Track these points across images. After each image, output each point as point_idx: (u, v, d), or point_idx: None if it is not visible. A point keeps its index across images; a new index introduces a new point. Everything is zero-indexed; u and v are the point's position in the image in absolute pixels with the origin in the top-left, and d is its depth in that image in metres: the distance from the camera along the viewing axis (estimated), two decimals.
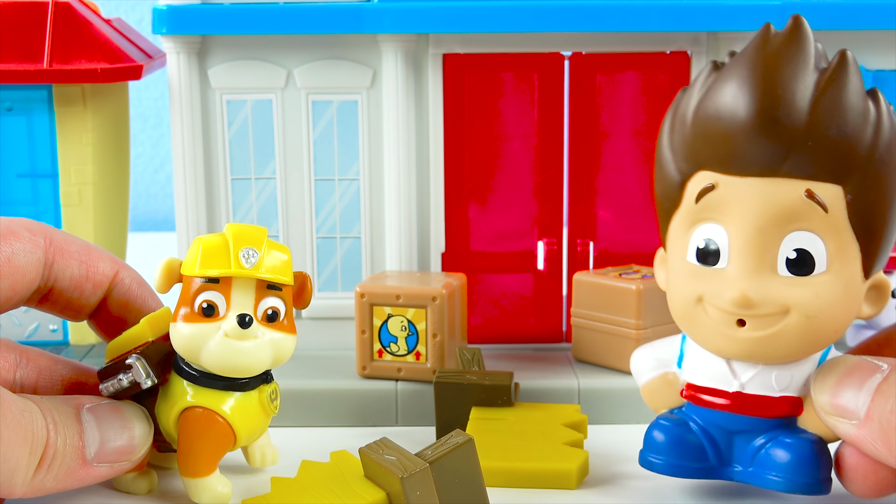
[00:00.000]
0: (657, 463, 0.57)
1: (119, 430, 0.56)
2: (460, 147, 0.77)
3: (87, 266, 0.60)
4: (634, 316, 0.70)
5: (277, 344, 0.56)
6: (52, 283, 0.59)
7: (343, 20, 0.73)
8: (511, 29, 0.73)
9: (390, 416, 0.69)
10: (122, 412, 0.56)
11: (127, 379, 0.56)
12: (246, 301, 0.56)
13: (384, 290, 0.70)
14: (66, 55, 0.74)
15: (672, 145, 0.55)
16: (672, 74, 0.76)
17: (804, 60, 0.52)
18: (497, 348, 0.77)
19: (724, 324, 0.54)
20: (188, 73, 0.76)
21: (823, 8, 0.73)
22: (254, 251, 0.56)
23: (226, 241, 0.56)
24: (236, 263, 0.55)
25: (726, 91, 0.52)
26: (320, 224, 0.78)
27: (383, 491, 0.54)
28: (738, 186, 0.53)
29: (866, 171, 0.52)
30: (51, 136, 0.76)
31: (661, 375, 0.59)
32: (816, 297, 0.53)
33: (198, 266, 0.56)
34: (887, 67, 0.76)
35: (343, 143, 0.77)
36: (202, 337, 0.55)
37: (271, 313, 0.56)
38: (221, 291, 0.55)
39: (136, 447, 0.56)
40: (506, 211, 0.77)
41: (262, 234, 0.57)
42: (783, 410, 0.55)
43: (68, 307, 0.61)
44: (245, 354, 0.55)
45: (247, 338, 0.55)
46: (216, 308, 0.55)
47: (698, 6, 0.72)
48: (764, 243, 0.53)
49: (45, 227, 0.59)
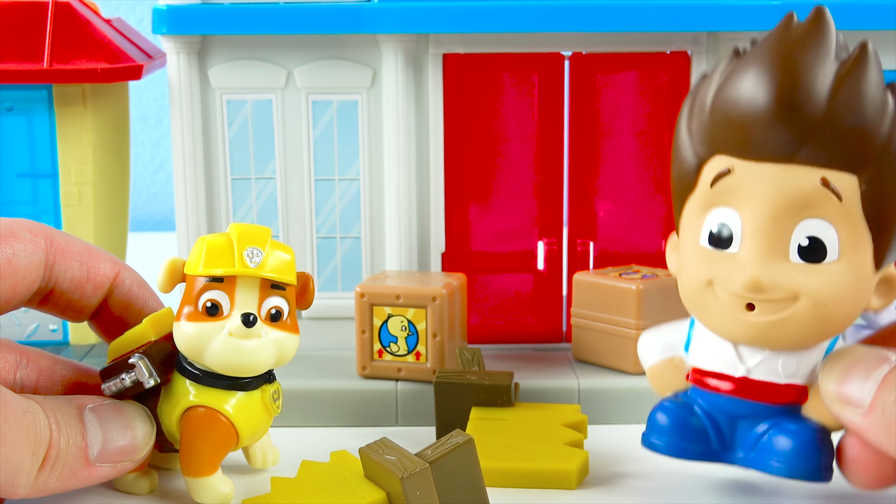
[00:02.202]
0: (659, 444, 0.57)
1: (122, 429, 0.56)
2: (460, 147, 0.77)
3: (88, 267, 0.60)
4: (634, 316, 0.70)
5: (281, 343, 0.56)
6: (53, 284, 0.59)
7: (343, 20, 0.74)
8: (511, 29, 0.73)
9: (390, 416, 0.69)
10: (125, 412, 0.57)
11: (129, 378, 0.56)
12: (250, 300, 0.56)
13: (384, 290, 0.70)
14: (66, 55, 0.74)
15: (690, 129, 0.56)
16: (672, 74, 0.76)
17: (825, 50, 0.52)
18: (497, 348, 0.77)
19: (734, 307, 0.54)
20: (188, 73, 0.76)
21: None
22: (258, 251, 0.56)
23: (230, 240, 0.56)
24: (240, 263, 0.55)
25: (746, 77, 0.53)
26: (320, 224, 0.78)
27: (383, 491, 0.54)
28: (754, 171, 0.53)
29: (882, 162, 0.52)
30: (51, 136, 0.76)
31: (668, 359, 0.59)
32: (827, 285, 0.53)
33: (202, 265, 0.56)
34: (887, 67, 0.76)
35: (343, 143, 0.77)
36: (206, 336, 0.55)
37: (275, 313, 0.56)
38: (225, 291, 0.56)
39: (139, 447, 0.56)
40: (506, 211, 0.77)
41: (266, 234, 0.57)
42: (788, 397, 0.55)
43: (69, 308, 0.61)
44: (249, 354, 0.55)
45: (251, 337, 0.55)
46: (220, 307, 0.55)
47: (698, 6, 0.72)
48: (777, 229, 0.53)
49: (45, 228, 0.59)
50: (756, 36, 0.55)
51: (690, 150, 0.56)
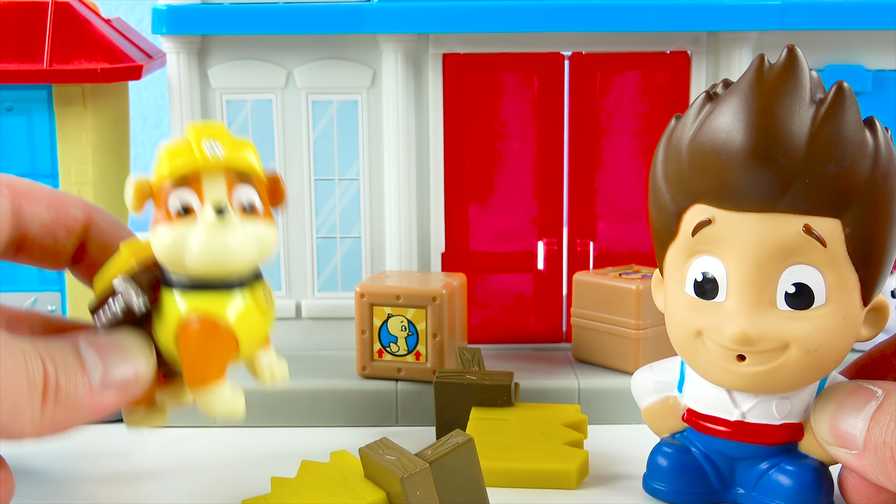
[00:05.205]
0: (661, 490, 0.58)
1: (120, 355, 0.55)
2: (460, 147, 0.77)
3: (57, 211, 0.59)
4: (634, 316, 0.70)
5: (259, 234, 0.55)
6: (24, 231, 0.59)
7: (343, 20, 0.74)
8: (511, 29, 0.73)
9: (390, 416, 0.69)
10: (120, 339, 0.56)
11: (118, 305, 0.56)
12: (218, 194, 0.55)
13: (384, 290, 0.70)
14: (66, 55, 0.74)
15: (667, 177, 0.55)
16: (672, 74, 0.76)
17: (800, 94, 0.51)
18: (497, 348, 0.77)
19: (725, 359, 0.54)
20: (188, 73, 0.76)
21: (823, 8, 0.73)
22: (216, 143, 0.55)
23: (187, 140, 0.55)
24: (201, 154, 0.55)
25: (721, 125, 0.52)
26: (320, 224, 0.78)
27: (383, 491, 0.54)
28: (736, 222, 0.52)
29: (864, 203, 0.52)
30: (51, 136, 0.76)
31: (663, 399, 0.59)
32: (816, 331, 0.52)
33: (166, 169, 0.55)
34: (887, 67, 0.76)
35: (343, 143, 0.77)
36: (183, 237, 0.54)
37: (247, 203, 0.55)
38: (193, 188, 0.55)
39: (140, 371, 0.55)
40: (506, 211, 0.77)
41: (223, 128, 0.56)
42: (784, 437, 0.56)
43: (44, 255, 0.60)
44: (228, 248, 0.54)
45: (227, 226, 0.54)
46: (191, 207, 0.55)
47: (698, 6, 0.72)
48: (763, 279, 0.53)
49: (8, 177, 0.58)
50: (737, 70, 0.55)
51: (669, 198, 0.55)
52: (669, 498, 0.57)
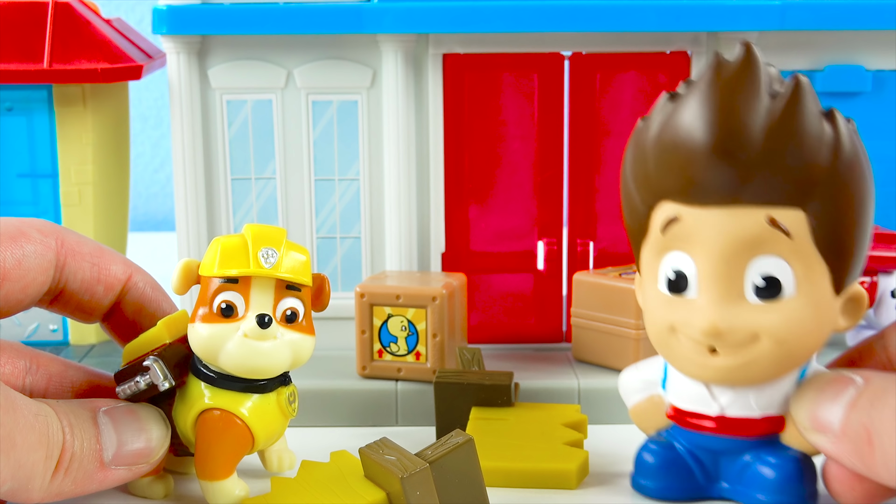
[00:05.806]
0: (647, 487, 0.58)
1: (136, 432, 0.55)
2: (460, 147, 0.77)
3: (100, 268, 0.60)
4: (634, 316, 0.70)
5: (296, 345, 0.56)
6: (64, 285, 0.59)
7: (343, 20, 0.74)
8: (511, 29, 0.73)
9: (390, 416, 0.69)
10: (139, 414, 0.56)
11: (144, 381, 0.56)
12: (265, 301, 0.56)
13: (384, 290, 0.70)
14: (66, 55, 0.74)
15: (635, 177, 0.56)
16: (672, 74, 0.76)
17: (756, 88, 0.52)
18: (497, 348, 0.77)
19: (697, 352, 0.54)
20: (188, 73, 0.76)
21: (823, 8, 0.73)
22: (273, 251, 0.56)
23: (245, 241, 0.56)
24: (255, 263, 0.55)
25: (681, 123, 0.53)
26: (320, 224, 0.78)
27: (383, 491, 0.54)
28: (702, 217, 0.53)
29: (826, 193, 0.52)
30: (51, 136, 0.76)
31: (648, 398, 0.59)
32: (787, 322, 0.53)
33: (217, 266, 0.55)
34: (887, 67, 0.76)
35: (343, 143, 0.77)
36: (221, 337, 0.55)
37: (290, 314, 0.56)
38: (240, 292, 0.55)
39: (154, 449, 0.56)
40: (506, 211, 0.77)
41: (282, 235, 0.57)
42: (765, 429, 0.56)
43: (79, 309, 0.60)
44: (264, 355, 0.55)
45: (266, 338, 0.55)
46: (235, 308, 0.55)
47: (698, 6, 0.72)
48: (730, 272, 0.53)
49: (56, 227, 0.59)
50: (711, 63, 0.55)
51: (638, 198, 0.56)
52: (656, 494, 0.58)
